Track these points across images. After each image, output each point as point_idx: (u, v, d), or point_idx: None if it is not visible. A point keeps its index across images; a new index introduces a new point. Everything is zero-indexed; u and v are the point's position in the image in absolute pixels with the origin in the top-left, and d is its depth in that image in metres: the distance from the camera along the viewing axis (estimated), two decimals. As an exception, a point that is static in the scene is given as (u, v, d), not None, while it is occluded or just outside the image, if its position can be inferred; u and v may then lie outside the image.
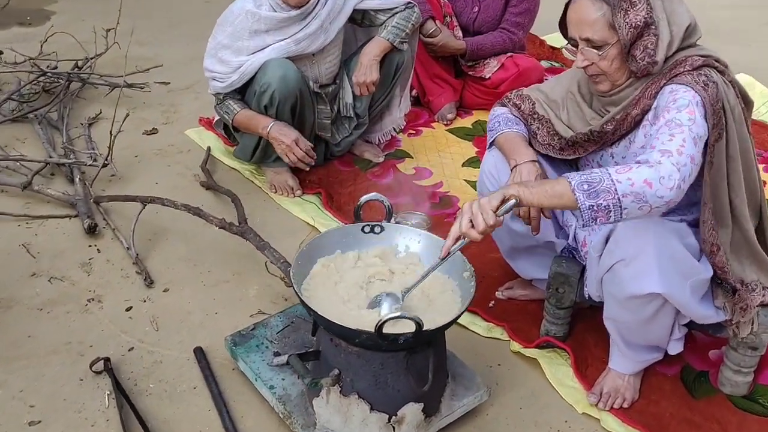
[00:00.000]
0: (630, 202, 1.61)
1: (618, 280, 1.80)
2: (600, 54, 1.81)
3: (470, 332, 2.28)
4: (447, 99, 3.68)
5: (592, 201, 1.62)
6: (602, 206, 1.62)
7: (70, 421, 1.92)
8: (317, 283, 1.84)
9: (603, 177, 1.63)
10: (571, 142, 2.00)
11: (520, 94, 2.14)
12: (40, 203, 2.84)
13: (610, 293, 1.87)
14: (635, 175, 1.60)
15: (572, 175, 1.66)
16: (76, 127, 3.39)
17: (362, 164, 3.20)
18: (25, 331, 2.21)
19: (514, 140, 2.05)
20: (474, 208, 1.68)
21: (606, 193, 1.61)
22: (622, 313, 1.88)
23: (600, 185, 1.62)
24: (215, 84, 2.74)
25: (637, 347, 1.98)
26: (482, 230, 1.67)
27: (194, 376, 2.08)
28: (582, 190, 1.63)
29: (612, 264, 1.79)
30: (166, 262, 2.56)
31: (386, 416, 1.75)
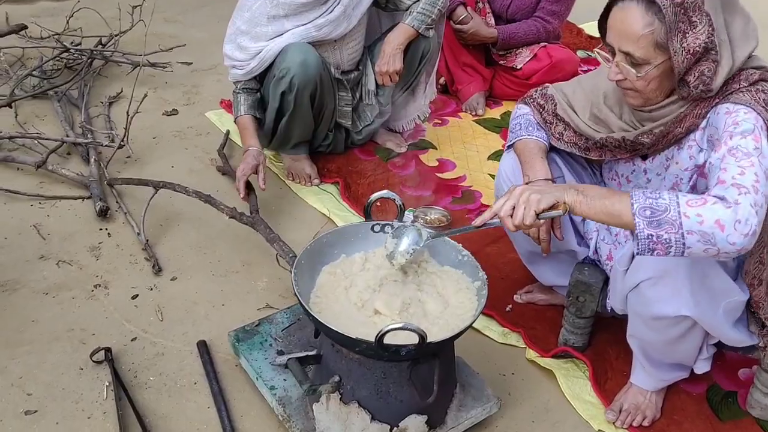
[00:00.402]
0: (695, 241, 1.41)
1: (644, 299, 1.67)
2: (639, 75, 1.61)
3: (484, 337, 2.19)
4: (476, 88, 3.56)
5: (653, 230, 1.44)
6: (663, 239, 1.44)
7: (66, 411, 1.87)
8: (326, 291, 1.75)
9: (670, 205, 1.43)
10: (600, 144, 1.86)
11: (545, 93, 1.99)
12: (54, 183, 2.80)
13: (635, 312, 1.74)
14: (707, 213, 1.40)
15: (637, 195, 1.48)
16: (96, 105, 3.35)
17: (383, 154, 3.10)
18: (29, 316, 2.17)
19: (531, 151, 1.91)
20: (522, 199, 1.55)
21: (670, 225, 1.43)
22: (646, 332, 1.76)
23: (665, 215, 1.43)
24: (235, 72, 2.65)
25: (662, 365, 1.87)
26: (517, 224, 1.56)
27: (195, 370, 2.02)
28: (644, 216, 1.45)
29: (638, 282, 1.66)
30: (176, 249, 2.50)
31: (387, 427, 1.67)
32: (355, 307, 1.69)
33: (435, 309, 1.73)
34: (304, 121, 2.71)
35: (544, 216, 1.56)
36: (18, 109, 3.20)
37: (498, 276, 2.41)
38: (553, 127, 1.95)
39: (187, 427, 1.85)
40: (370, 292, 1.73)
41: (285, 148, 2.86)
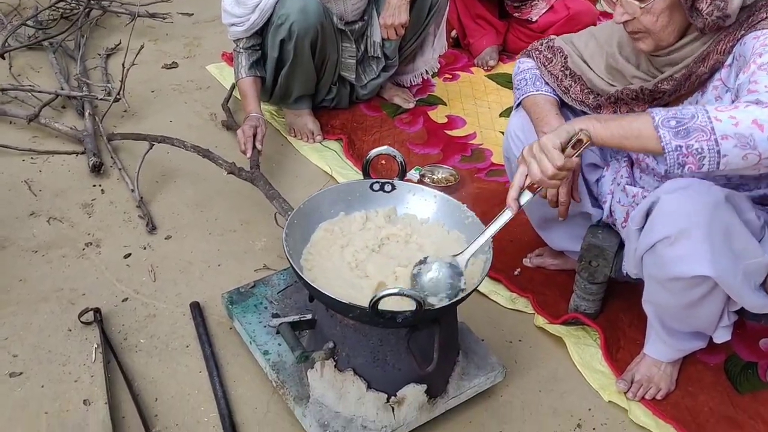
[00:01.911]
0: (731, 146, 1.27)
1: (660, 260, 1.53)
2: (642, 6, 1.48)
3: (490, 302, 2.08)
4: (489, 42, 3.40)
5: (681, 141, 1.30)
6: (693, 149, 1.29)
7: (52, 374, 1.80)
8: (320, 248, 1.64)
9: (697, 113, 1.30)
10: (614, 99, 1.72)
11: (551, 46, 1.85)
12: (47, 137, 2.70)
13: (651, 275, 1.61)
14: (742, 114, 1.27)
15: (656, 110, 1.36)
16: (93, 57, 3.23)
17: (390, 110, 2.96)
18: (17, 275, 2.09)
19: (543, 106, 1.77)
20: (535, 150, 1.42)
21: (700, 132, 1.29)
22: (663, 296, 1.63)
23: (692, 122, 1.30)
24: (234, 30, 2.51)
25: (678, 334, 1.75)
26: (552, 175, 1.41)
27: (188, 333, 1.94)
28: (668, 127, 1.31)
29: (654, 242, 1.53)
30: (172, 206, 2.40)
31: (385, 396, 1.58)
32: (348, 266, 1.58)
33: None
34: (305, 72, 2.58)
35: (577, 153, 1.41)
36: (12, 61, 3.10)
37: (507, 238, 2.29)
38: (559, 81, 1.81)
39: (177, 392, 1.77)
40: (367, 253, 1.62)
41: (287, 102, 2.74)
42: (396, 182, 1.73)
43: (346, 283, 1.55)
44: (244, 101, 2.57)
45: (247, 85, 2.54)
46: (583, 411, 1.78)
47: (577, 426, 1.75)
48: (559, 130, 1.44)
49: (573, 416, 1.77)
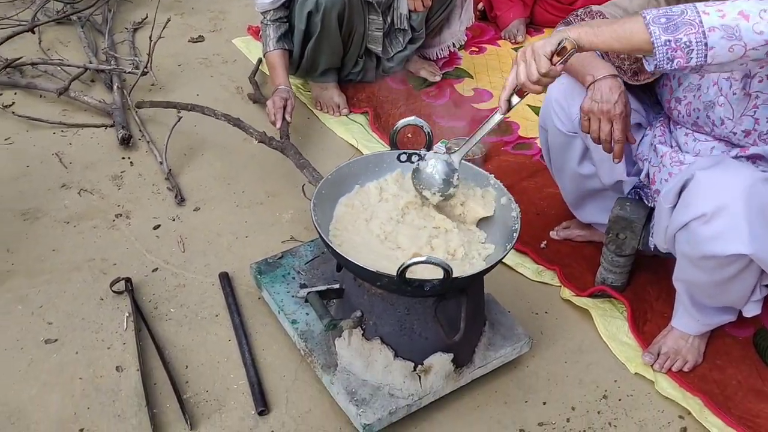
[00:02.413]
0: (718, 38, 1.30)
1: (695, 239, 1.52)
2: None
3: (517, 274, 2.08)
4: (516, 14, 3.36)
5: (669, 36, 1.33)
6: (682, 42, 1.32)
7: (86, 341, 1.84)
8: (346, 223, 1.64)
9: (687, 9, 1.33)
10: None
11: (590, 11, 1.81)
12: (77, 111, 2.73)
13: (684, 252, 1.59)
14: (728, 8, 1.30)
15: (648, 10, 1.38)
16: (121, 31, 3.25)
17: (416, 83, 2.95)
18: (50, 245, 2.13)
19: (587, 56, 1.75)
20: (527, 55, 1.43)
21: (688, 25, 1.32)
22: (696, 274, 1.61)
23: (681, 17, 1.33)
24: (262, 2, 2.50)
25: (708, 309, 1.74)
26: (535, 80, 1.43)
27: (217, 302, 1.96)
28: (658, 24, 1.34)
29: (688, 220, 1.51)
30: (200, 178, 2.42)
31: (412, 364, 1.59)
32: (377, 239, 1.59)
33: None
34: (332, 44, 2.57)
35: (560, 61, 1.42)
36: (41, 35, 3.12)
37: (533, 211, 2.29)
38: None
39: (207, 360, 1.81)
40: (393, 224, 1.63)
41: (313, 75, 2.73)
42: (423, 152, 1.73)
43: (379, 255, 1.55)
44: (272, 74, 2.57)
45: (275, 57, 2.54)
46: (609, 382, 1.79)
47: (603, 397, 1.75)
48: (551, 38, 1.44)
49: (599, 387, 1.77)
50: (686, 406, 1.72)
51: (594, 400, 1.74)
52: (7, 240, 2.12)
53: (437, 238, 1.56)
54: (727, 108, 1.63)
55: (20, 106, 2.72)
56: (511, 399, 1.74)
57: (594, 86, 1.71)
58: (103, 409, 1.68)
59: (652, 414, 1.72)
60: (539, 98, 2.89)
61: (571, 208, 2.12)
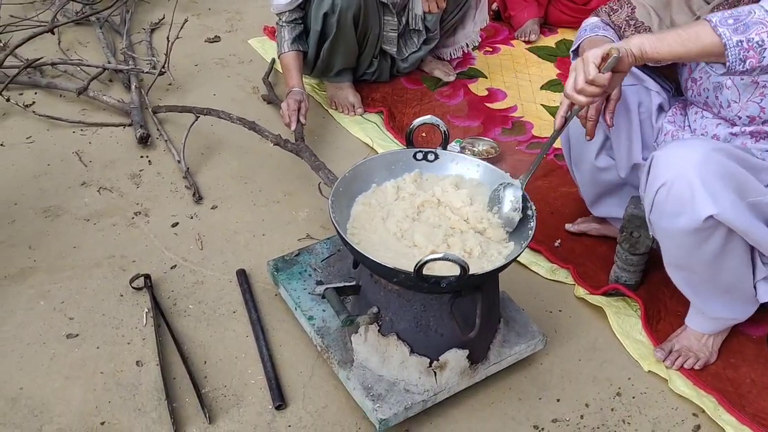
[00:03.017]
0: None
1: (664, 212, 1.52)
2: None
3: (531, 272, 2.10)
4: (530, 14, 3.37)
5: (741, 36, 1.35)
6: (754, 42, 1.34)
7: (106, 336, 1.88)
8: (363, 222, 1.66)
9: (753, 9, 1.36)
10: None
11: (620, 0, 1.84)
12: (96, 110, 2.77)
13: (662, 231, 1.58)
14: None
15: (712, 14, 1.39)
16: (138, 32, 3.29)
17: (431, 83, 2.97)
18: (71, 242, 2.17)
19: (600, 41, 1.75)
20: (578, 64, 1.45)
21: (759, 25, 1.34)
22: (681, 254, 1.61)
23: (749, 17, 1.35)
24: (278, 3, 2.53)
25: (708, 298, 1.73)
26: (580, 89, 1.44)
27: (235, 299, 1.99)
28: (726, 25, 1.35)
29: (653, 197, 1.52)
30: (217, 177, 2.45)
31: (427, 360, 1.61)
32: (394, 237, 1.60)
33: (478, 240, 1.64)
34: (347, 45, 2.59)
35: (605, 68, 1.43)
36: (61, 36, 3.17)
37: (548, 210, 2.30)
38: (621, 32, 1.79)
39: (225, 355, 1.84)
40: (409, 222, 1.64)
41: (328, 75, 2.76)
42: (439, 151, 1.75)
43: (396, 253, 1.56)
44: (286, 75, 2.60)
45: (290, 59, 2.57)
46: (623, 380, 1.80)
47: (617, 394, 1.77)
48: (604, 46, 1.45)
49: (612, 385, 1.79)
50: (700, 404, 1.73)
51: (608, 398, 1.76)
52: (29, 237, 2.16)
53: (453, 237, 1.58)
54: (734, 91, 1.66)
55: (41, 105, 2.76)
56: (525, 395, 1.75)
57: None
58: (124, 402, 1.71)
59: (666, 411, 1.73)
60: (555, 98, 2.93)
61: (588, 203, 2.12)
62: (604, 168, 1.96)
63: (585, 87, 1.44)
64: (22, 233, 2.18)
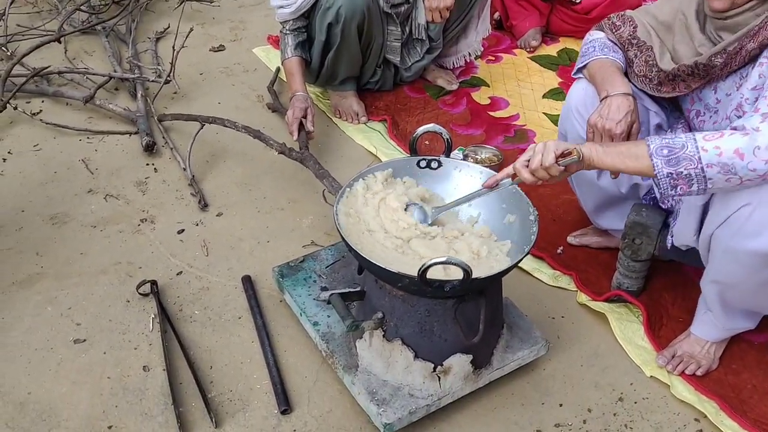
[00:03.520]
0: (716, 173, 1.43)
1: (739, 232, 1.51)
2: None
3: (534, 279, 2.12)
4: (532, 24, 3.40)
5: (671, 168, 1.45)
6: (683, 175, 1.45)
7: (113, 342, 1.89)
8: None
9: (687, 143, 1.45)
10: (672, 76, 1.73)
11: (622, 15, 1.87)
12: (102, 118, 2.80)
13: (725, 249, 1.57)
14: (725, 144, 1.41)
15: (652, 138, 1.50)
16: (144, 41, 3.33)
17: (433, 91, 2.99)
18: (78, 248, 2.19)
19: (609, 69, 1.79)
20: (537, 148, 1.54)
21: (688, 161, 1.44)
22: (737, 273, 1.59)
23: (682, 151, 1.44)
24: (282, 12, 2.55)
25: (736, 313, 1.74)
26: (533, 168, 1.53)
27: (240, 305, 2.01)
28: (661, 156, 1.46)
29: (729, 214, 1.52)
30: (222, 185, 2.48)
31: (431, 365, 1.63)
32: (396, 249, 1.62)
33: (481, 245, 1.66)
34: (351, 55, 2.62)
35: (562, 162, 1.53)
36: (67, 45, 3.20)
37: (550, 218, 2.32)
38: (624, 50, 1.83)
39: (230, 361, 1.85)
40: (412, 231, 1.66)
41: (332, 84, 2.79)
42: (442, 159, 1.77)
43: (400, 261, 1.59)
44: (289, 80, 2.62)
45: (293, 64, 2.59)
46: (625, 385, 1.81)
47: (619, 399, 1.78)
48: (566, 143, 1.56)
49: (615, 390, 1.80)
50: (702, 410, 1.74)
51: (610, 403, 1.77)
52: (37, 244, 2.19)
53: (458, 241, 1.60)
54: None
55: (48, 113, 2.79)
56: (528, 401, 1.77)
57: (605, 101, 1.75)
58: (131, 407, 1.72)
59: (668, 417, 1.75)
60: (557, 106, 2.95)
61: (589, 215, 2.15)
62: (606, 187, 1.98)
63: (538, 170, 1.53)
64: (29, 240, 2.20)
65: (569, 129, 1.94)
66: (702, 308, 1.82)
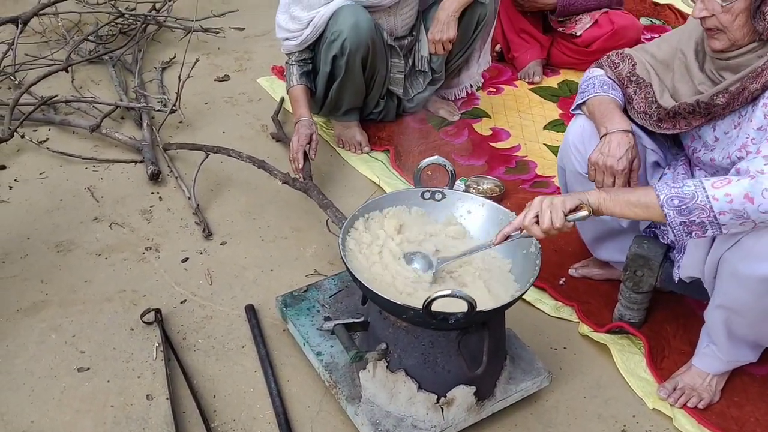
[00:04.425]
0: (729, 219, 1.45)
1: (749, 255, 1.52)
2: (724, 5, 1.54)
3: (536, 310, 2.13)
4: (533, 56, 3.44)
5: (684, 218, 1.47)
6: (696, 222, 1.47)
7: (117, 370, 1.90)
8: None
9: (697, 192, 1.47)
10: (672, 114, 1.75)
11: (621, 53, 1.89)
12: (108, 147, 2.83)
13: (735, 274, 1.57)
14: (734, 190, 1.44)
15: (661, 187, 1.52)
16: (150, 70, 3.37)
17: (436, 122, 3.03)
18: (83, 276, 2.20)
19: (608, 106, 1.81)
20: (544, 205, 1.55)
21: (700, 210, 1.46)
22: (745, 299, 1.59)
23: (693, 201, 1.46)
24: (288, 44, 2.60)
25: (740, 343, 1.74)
26: (545, 229, 1.55)
27: (243, 334, 2.02)
28: (672, 206, 1.48)
29: (740, 237, 1.53)
30: (226, 214, 2.50)
31: (435, 396, 1.63)
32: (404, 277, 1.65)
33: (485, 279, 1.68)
34: (355, 86, 2.66)
35: (571, 218, 1.56)
36: (74, 74, 3.24)
37: (552, 248, 2.33)
38: (623, 88, 1.85)
39: (233, 390, 1.86)
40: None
41: (336, 114, 2.82)
42: (446, 191, 1.80)
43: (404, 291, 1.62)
44: (294, 107, 2.64)
45: (298, 91, 2.62)
46: (628, 417, 1.82)
47: (622, 431, 1.78)
48: (573, 196, 1.57)
49: (617, 422, 1.80)
50: (704, 442, 1.74)
51: (613, 435, 1.78)
52: (42, 271, 2.20)
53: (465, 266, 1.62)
54: None
55: (54, 142, 2.82)
56: (531, 432, 1.77)
57: (605, 138, 1.77)
58: (134, 436, 1.73)
59: (671, 449, 1.75)
60: (558, 137, 2.98)
61: (589, 246, 2.17)
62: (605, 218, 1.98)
63: (550, 229, 1.55)
64: (34, 267, 2.22)
65: (567, 165, 1.96)
66: (704, 341, 1.82)
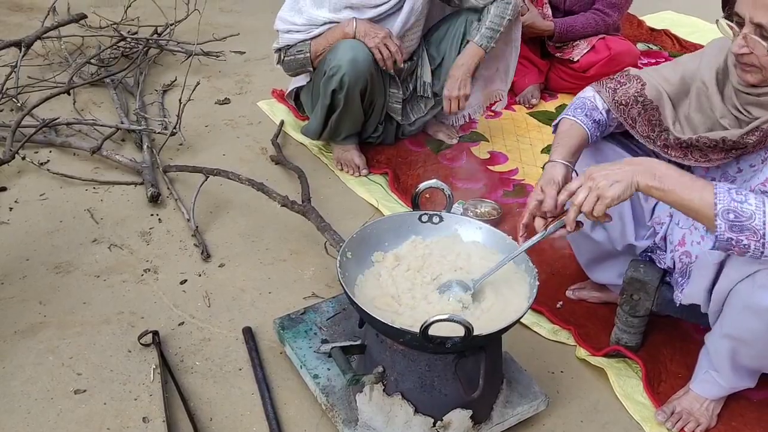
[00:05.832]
0: None
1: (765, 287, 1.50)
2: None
3: (533, 333, 2.13)
4: (531, 80, 3.48)
5: (733, 234, 1.42)
6: (742, 244, 1.43)
7: (114, 392, 1.90)
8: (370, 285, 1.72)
9: (755, 213, 1.41)
10: (685, 144, 1.70)
11: (628, 74, 1.82)
12: (108, 169, 2.84)
13: (748, 306, 1.56)
14: None
15: (722, 193, 1.44)
16: (151, 93, 3.40)
17: (434, 145, 3.05)
18: (81, 298, 2.21)
19: (567, 134, 1.78)
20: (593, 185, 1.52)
21: (751, 232, 1.41)
22: (755, 328, 1.57)
23: (749, 222, 1.41)
24: (291, 36, 2.61)
25: (744, 371, 1.74)
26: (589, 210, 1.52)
27: (241, 357, 2.02)
28: (726, 219, 1.42)
29: (756, 270, 1.51)
30: (225, 236, 2.51)
31: (431, 420, 1.63)
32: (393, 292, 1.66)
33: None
34: (354, 117, 2.70)
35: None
36: (76, 96, 3.27)
37: (549, 272, 2.34)
38: (628, 109, 1.77)
39: (230, 413, 1.85)
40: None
41: (336, 138, 2.85)
42: (443, 214, 1.81)
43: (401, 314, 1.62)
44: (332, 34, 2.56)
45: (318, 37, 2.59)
46: (625, 442, 1.82)
47: (619, 456, 1.78)
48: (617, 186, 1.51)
49: (615, 447, 1.80)
50: (702, 467, 1.74)
51: (610, 460, 1.77)
52: (40, 292, 2.21)
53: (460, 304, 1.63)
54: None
55: (55, 163, 2.84)
56: (528, 457, 1.77)
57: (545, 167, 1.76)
58: (130, 459, 1.72)
59: (668, 474, 1.74)
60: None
61: (584, 268, 2.17)
62: (600, 240, 1.98)
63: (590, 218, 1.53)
64: (33, 288, 2.22)
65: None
66: (704, 367, 1.82)
